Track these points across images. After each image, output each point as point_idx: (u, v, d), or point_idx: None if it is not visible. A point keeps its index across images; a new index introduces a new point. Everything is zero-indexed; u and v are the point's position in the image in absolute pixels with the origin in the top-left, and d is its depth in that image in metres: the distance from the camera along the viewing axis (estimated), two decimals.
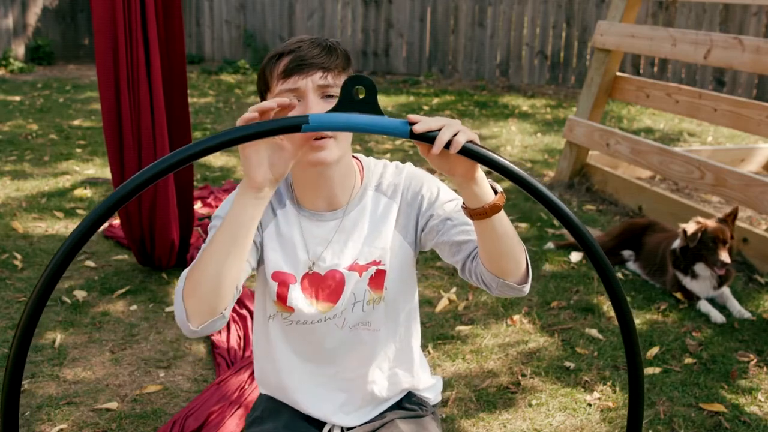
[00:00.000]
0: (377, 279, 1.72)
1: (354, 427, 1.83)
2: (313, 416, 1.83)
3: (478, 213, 1.44)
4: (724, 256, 3.40)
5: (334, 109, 1.31)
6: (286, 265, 1.70)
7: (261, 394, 1.94)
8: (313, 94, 1.56)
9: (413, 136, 1.30)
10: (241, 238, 1.44)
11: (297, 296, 1.70)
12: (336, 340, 1.76)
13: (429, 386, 1.93)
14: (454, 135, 1.31)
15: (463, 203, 1.48)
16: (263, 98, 1.62)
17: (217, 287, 1.45)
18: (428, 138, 1.33)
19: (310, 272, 1.70)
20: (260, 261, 1.71)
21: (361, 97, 1.31)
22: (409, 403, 1.88)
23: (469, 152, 1.33)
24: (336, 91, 1.58)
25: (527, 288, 1.61)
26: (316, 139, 1.54)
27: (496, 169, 1.33)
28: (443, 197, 1.71)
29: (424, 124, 1.29)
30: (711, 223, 3.51)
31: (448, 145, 1.32)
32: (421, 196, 1.72)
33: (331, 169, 1.63)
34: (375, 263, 1.71)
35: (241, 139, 1.29)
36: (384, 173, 1.76)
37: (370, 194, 1.73)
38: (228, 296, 1.48)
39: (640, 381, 1.44)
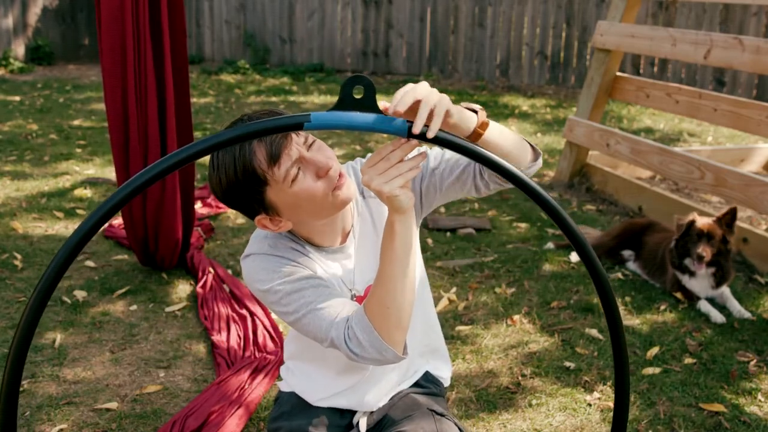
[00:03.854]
0: None
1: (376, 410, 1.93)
2: (348, 409, 1.91)
3: (470, 138, 1.53)
4: (701, 250, 3.41)
5: (334, 108, 1.33)
6: None
7: (283, 392, 1.99)
8: (306, 152, 1.61)
9: (411, 135, 1.34)
10: (412, 258, 1.56)
11: None
12: None
13: (444, 366, 2.06)
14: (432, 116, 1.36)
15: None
16: (260, 195, 1.61)
17: (410, 312, 1.57)
18: (425, 138, 1.36)
19: (354, 299, 1.79)
20: None
21: (359, 96, 1.33)
22: (425, 381, 2.00)
23: (443, 142, 1.36)
24: (308, 136, 1.64)
25: (540, 160, 1.72)
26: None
27: (467, 155, 1.36)
28: None
29: (401, 104, 1.34)
30: (701, 219, 3.52)
31: (423, 137, 1.36)
32: None
33: None
34: None
35: (247, 135, 1.31)
36: (358, 177, 1.82)
37: (361, 203, 1.82)
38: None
39: (626, 381, 1.46)
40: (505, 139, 1.59)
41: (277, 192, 1.60)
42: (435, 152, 1.79)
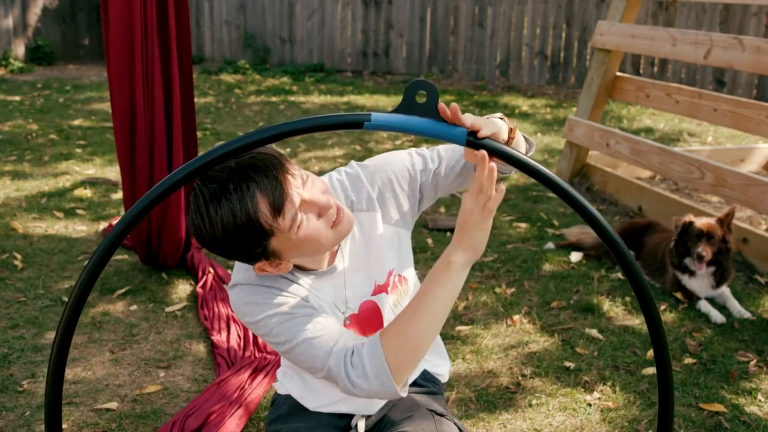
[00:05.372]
0: (394, 284, 1.81)
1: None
2: (344, 413, 1.89)
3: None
4: (701, 249, 3.42)
5: (396, 111, 1.34)
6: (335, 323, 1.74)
7: (280, 394, 1.99)
8: (306, 194, 1.55)
9: (470, 144, 1.34)
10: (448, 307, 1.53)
11: None
12: None
13: (442, 362, 2.05)
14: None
15: None
16: (263, 246, 1.54)
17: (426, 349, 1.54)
18: (484, 146, 1.36)
19: (347, 318, 1.76)
20: None
21: (422, 101, 1.34)
22: (423, 380, 1.98)
23: (500, 154, 1.38)
24: (296, 171, 1.57)
25: (533, 149, 1.74)
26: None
27: (523, 170, 1.39)
28: (408, 163, 1.77)
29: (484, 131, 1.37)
30: (700, 219, 3.53)
31: (478, 147, 1.37)
32: (395, 183, 1.77)
33: None
34: (389, 273, 1.78)
35: (306, 129, 1.32)
36: (345, 189, 1.78)
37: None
38: None
39: (669, 382, 1.44)
40: (522, 141, 1.65)
41: (281, 240, 1.54)
42: (430, 153, 1.78)
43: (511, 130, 1.55)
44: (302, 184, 1.55)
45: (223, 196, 1.46)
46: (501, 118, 1.56)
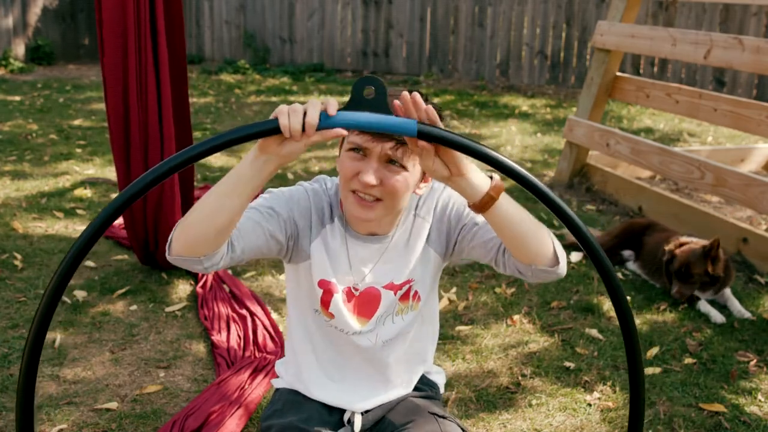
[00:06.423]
0: (407, 293, 1.85)
1: (371, 410, 1.94)
2: (334, 405, 1.93)
3: (477, 207, 1.50)
4: (675, 291, 3.42)
5: (344, 108, 1.36)
6: (332, 276, 1.80)
7: (279, 389, 2.02)
8: (376, 159, 1.63)
9: (420, 135, 1.34)
10: (238, 191, 1.49)
11: (339, 306, 1.81)
12: (369, 351, 1.88)
13: (437, 371, 2.09)
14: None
15: (469, 202, 1.53)
16: None
17: (204, 231, 1.52)
18: (434, 137, 1.36)
19: (352, 288, 1.82)
20: (301, 259, 1.81)
21: (370, 97, 1.35)
22: (422, 384, 2.01)
23: (428, 136, 1.37)
24: (403, 161, 1.64)
25: (562, 269, 1.65)
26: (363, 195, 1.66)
27: (456, 148, 1.37)
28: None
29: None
30: (683, 251, 3.47)
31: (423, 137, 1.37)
32: (449, 210, 1.82)
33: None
34: (408, 281, 1.83)
35: (273, 131, 1.37)
36: (421, 196, 1.85)
37: (410, 218, 1.85)
38: (212, 245, 1.54)
39: (640, 380, 1.45)
40: (519, 219, 1.54)
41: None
42: (482, 218, 1.75)
43: (493, 188, 1.47)
44: (385, 158, 1.64)
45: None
46: (491, 177, 1.52)
